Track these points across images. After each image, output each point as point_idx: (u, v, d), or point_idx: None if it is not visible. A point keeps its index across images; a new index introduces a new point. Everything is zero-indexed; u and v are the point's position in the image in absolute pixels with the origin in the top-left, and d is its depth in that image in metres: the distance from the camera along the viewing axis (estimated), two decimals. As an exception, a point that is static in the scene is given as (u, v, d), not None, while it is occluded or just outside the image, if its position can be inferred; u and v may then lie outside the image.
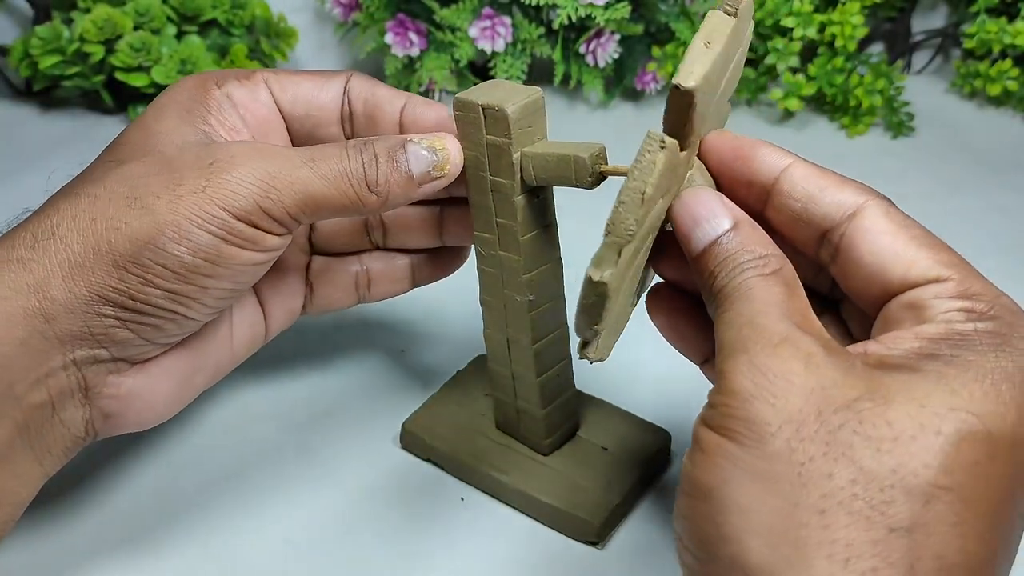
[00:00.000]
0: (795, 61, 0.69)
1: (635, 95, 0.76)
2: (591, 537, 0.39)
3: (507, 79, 0.71)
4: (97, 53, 0.67)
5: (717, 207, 0.30)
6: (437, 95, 0.73)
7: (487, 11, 0.70)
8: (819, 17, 0.69)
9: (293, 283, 0.41)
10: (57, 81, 0.70)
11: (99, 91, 0.71)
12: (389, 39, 0.71)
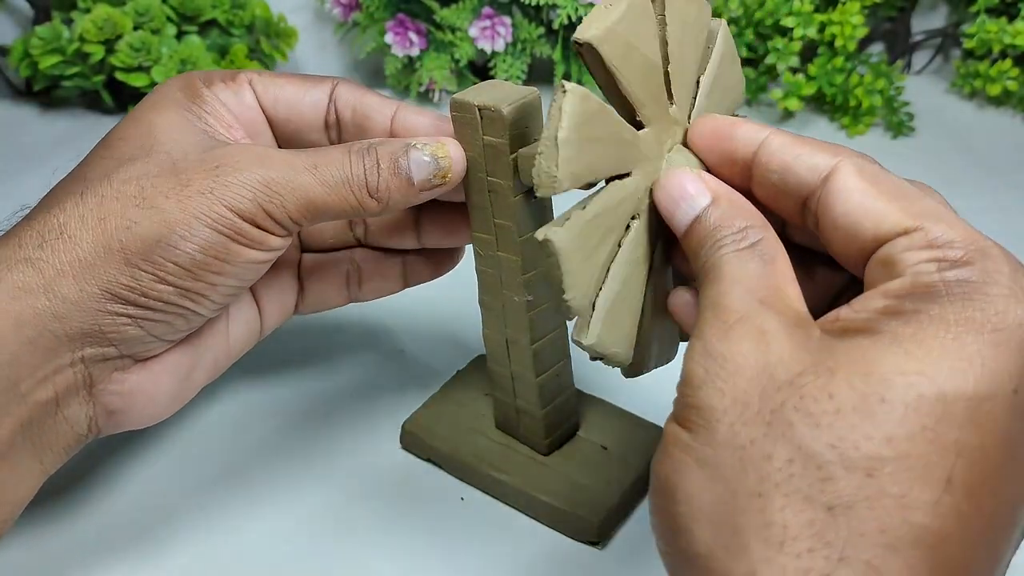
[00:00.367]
0: (795, 61, 0.69)
1: (635, 95, 0.76)
2: (591, 537, 0.39)
3: (507, 79, 0.71)
4: (97, 53, 0.67)
5: (695, 184, 0.30)
6: (437, 95, 0.73)
7: (487, 11, 0.70)
8: (819, 17, 0.69)
9: (286, 280, 0.41)
10: (57, 81, 0.70)
11: (99, 91, 0.71)
12: (389, 39, 0.71)
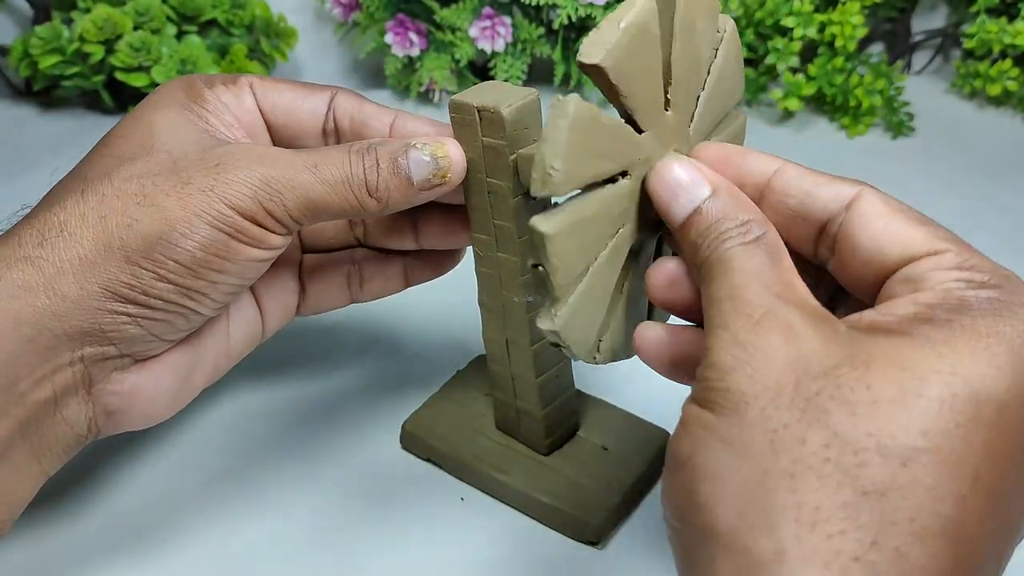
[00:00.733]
0: (795, 61, 0.69)
1: (635, 95, 0.76)
2: (591, 537, 0.39)
3: (507, 79, 0.71)
4: (97, 53, 0.67)
5: (694, 174, 0.30)
6: (437, 95, 0.73)
7: (487, 11, 0.70)
8: (819, 17, 0.69)
9: (287, 280, 0.41)
10: (57, 81, 0.70)
11: (99, 91, 0.71)
12: (389, 39, 0.71)
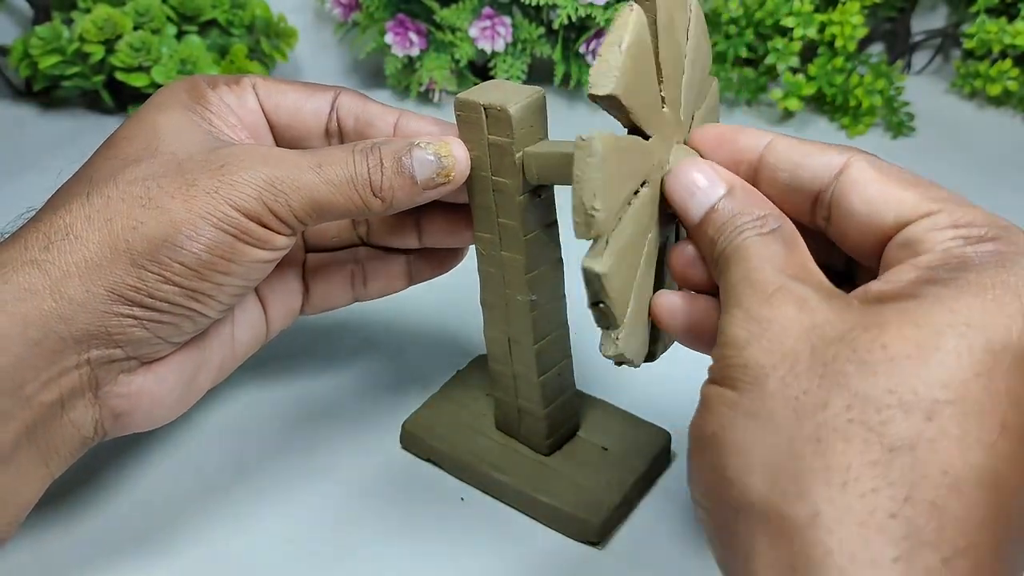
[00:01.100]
0: (795, 61, 0.69)
1: (635, 95, 0.76)
2: (591, 537, 0.39)
3: (507, 79, 0.71)
4: (97, 53, 0.67)
5: (710, 174, 0.31)
6: (437, 95, 0.73)
7: (487, 11, 0.70)
8: (819, 17, 0.69)
9: (291, 281, 0.41)
10: (57, 81, 0.70)
11: (99, 91, 0.71)
12: (389, 39, 0.71)
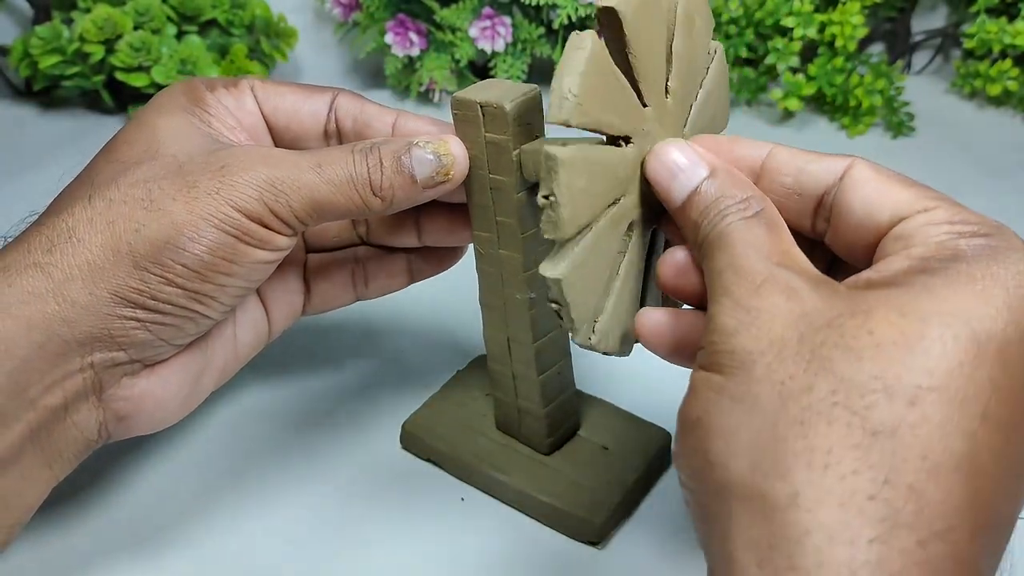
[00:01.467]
0: (795, 61, 0.69)
1: (635, 95, 0.76)
2: (591, 537, 0.39)
3: (507, 79, 0.71)
4: (97, 53, 0.67)
5: (691, 155, 0.31)
6: (437, 95, 0.73)
7: (487, 11, 0.70)
8: (819, 17, 0.69)
9: (292, 281, 0.42)
10: (57, 81, 0.70)
11: (99, 91, 0.71)
12: (389, 39, 0.71)
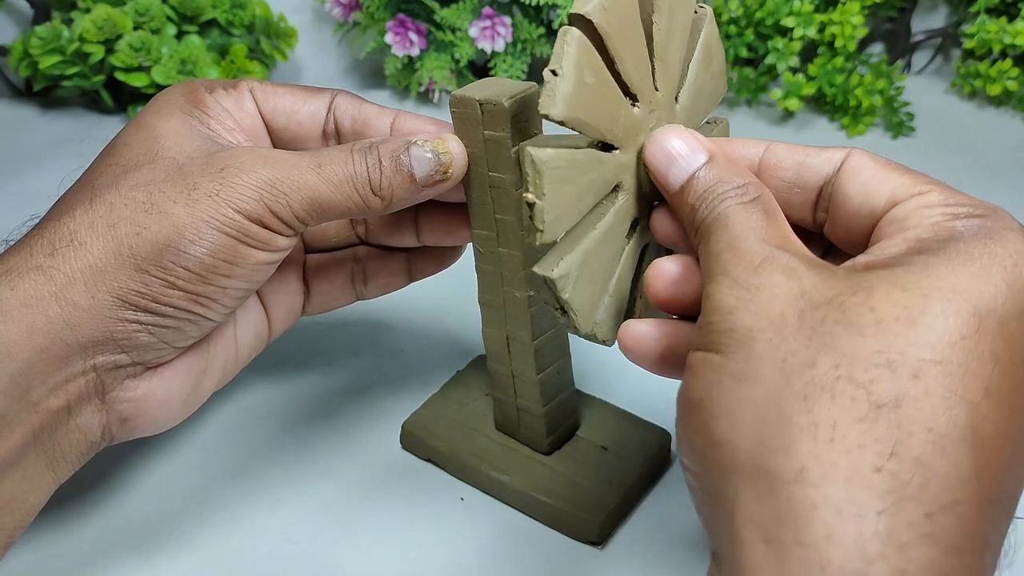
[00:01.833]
0: (795, 61, 0.69)
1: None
2: (591, 537, 0.39)
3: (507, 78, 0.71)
4: (97, 53, 0.67)
5: (691, 141, 0.31)
6: (437, 95, 0.73)
7: (487, 11, 0.70)
8: (819, 17, 0.69)
9: (292, 282, 0.42)
10: (57, 81, 0.70)
11: (99, 91, 0.71)
12: (389, 39, 0.71)
